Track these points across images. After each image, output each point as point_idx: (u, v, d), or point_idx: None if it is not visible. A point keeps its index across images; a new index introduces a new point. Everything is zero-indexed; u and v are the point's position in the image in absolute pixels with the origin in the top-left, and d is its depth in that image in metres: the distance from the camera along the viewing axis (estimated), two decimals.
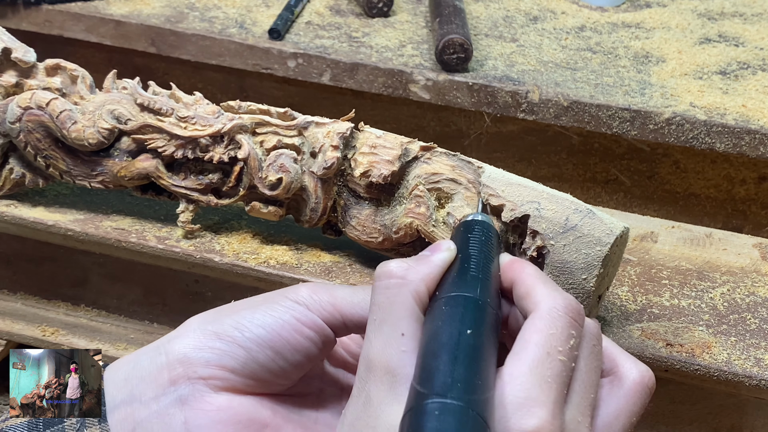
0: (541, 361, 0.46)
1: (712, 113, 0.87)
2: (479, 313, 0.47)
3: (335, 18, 1.02)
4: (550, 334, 0.47)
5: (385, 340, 0.47)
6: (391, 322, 0.47)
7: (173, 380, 0.50)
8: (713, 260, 0.74)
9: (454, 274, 0.50)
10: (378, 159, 0.65)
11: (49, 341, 0.78)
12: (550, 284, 0.50)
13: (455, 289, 0.48)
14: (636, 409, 0.50)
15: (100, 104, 0.69)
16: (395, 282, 0.49)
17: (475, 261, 0.51)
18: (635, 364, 0.51)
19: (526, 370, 0.45)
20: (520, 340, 0.47)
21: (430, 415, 0.41)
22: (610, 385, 0.51)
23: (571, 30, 1.03)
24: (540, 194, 0.61)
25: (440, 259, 0.51)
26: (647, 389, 0.51)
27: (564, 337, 0.47)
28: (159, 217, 0.73)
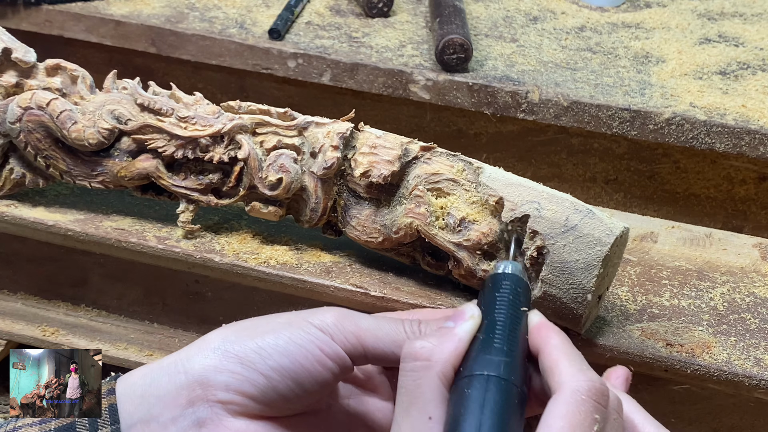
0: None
1: (712, 113, 0.87)
2: (502, 395, 0.47)
3: (335, 18, 1.02)
4: (573, 421, 0.46)
5: (412, 424, 0.47)
6: (418, 406, 0.48)
7: (191, 401, 0.50)
8: (713, 260, 0.74)
9: (479, 345, 0.50)
10: (378, 159, 0.65)
11: (49, 341, 0.78)
12: (575, 360, 0.49)
13: (479, 368, 0.48)
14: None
15: (100, 104, 0.69)
16: (421, 365, 0.49)
17: (501, 329, 0.50)
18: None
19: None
20: (544, 424, 0.46)
21: None
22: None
23: (571, 30, 1.03)
24: (540, 194, 0.61)
25: (465, 332, 0.51)
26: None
27: (588, 423, 0.46)
28: (159, 217, 0.73)
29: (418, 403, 0.48)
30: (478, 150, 0.98)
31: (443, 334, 0.51)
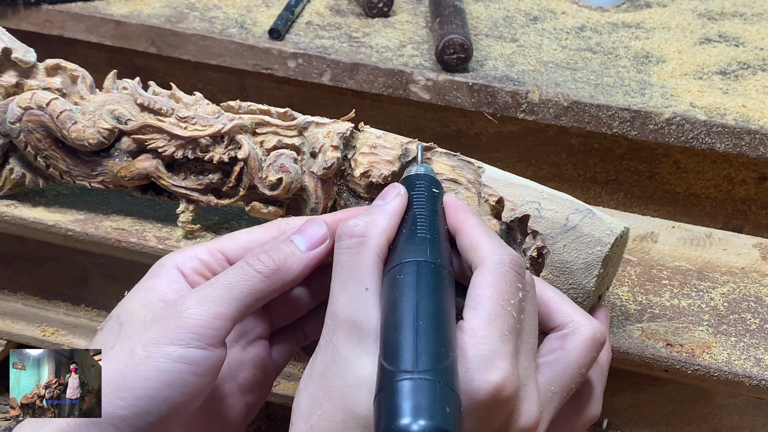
0: (497, 315, 0.48)
1: (712, 113, 0.87)
2: (432, 277, 0.49)
3: (335, 18, 1.02)
4: (501, 289, 0.49)
5: (350, 296, 0.49)
6: (354, 279, 0.50)
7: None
8: (713, 260, 0.74)
9: (404, 237, 0.52)
10: (378, 159, 0.65)
11: (49, 341, 0.78)
12: (493, 237, 0.52)
13: (407, 256, 0.50)
14: (586, 362, 0.53)
15: (100, 104, 0.69)
16: (356, 241, 0.51)
17: (422, 219, 0.53)
18: (588, 320, 0.54)
19: (485, 324, 0.47)
20: (474, 295, 0.49)
21: (402, 394, 0.43)
22: (563, 339, 0.53)
23: (571, 30, 1.03)
24: (540, 194, 0.61)
25: (394, 207, 0.54)
26: (598, 344, 0.53)
27: (513, 291, 0.49)
28: (159, 217, 0.73)
29: (355, 276, 0.50)
30: (478, 150, 0.98)
31: (374, 211, 0.53)
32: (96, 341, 0.52)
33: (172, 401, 0.49)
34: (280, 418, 0.88)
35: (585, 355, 0.52)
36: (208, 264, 0.55)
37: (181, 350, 0.49)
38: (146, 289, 0.54)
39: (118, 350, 0.50)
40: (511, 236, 0.63)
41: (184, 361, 0.49)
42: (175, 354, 0.49)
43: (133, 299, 0.53)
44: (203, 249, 0.55)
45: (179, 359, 0.49)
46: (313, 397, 0.48)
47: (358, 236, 0.51)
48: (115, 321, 0.52)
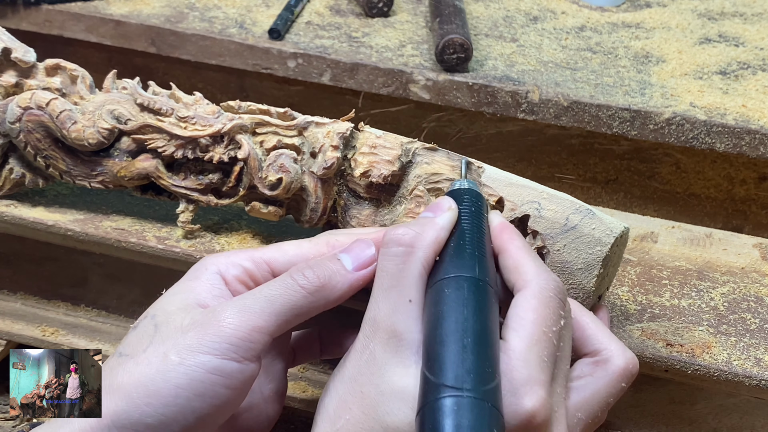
0: (538, 340, 0.48)
1: (712, 113, 0.87)
2: (480, 294, 0.48)
3: (335, 18, 1.02)
4: (544, 314, 0.49)
5: (393, 305, 0.48)
6: (399, 288, 0.49)
7: None
8: (713, 260, 0.74)
9: (451, 251, 0.51)
10: (378, 159, 0.65)
11: (49, 341, 0.78)
12: (538, 261, 0.52)
13: (454, 270, 0.49)
14: (615, 392, 0.53)
15: (100, 104, 0.69)
16: (404, 250, 0.50)
17: (470, 235, 0.52)
18: (623, 350, 0.53)
19: (526, 347, 0.47)
20: (516, 316, 0.49)
21: (447, 411, 0.42)
22: (595, 365, 0.53)
23: (571, 30, 1.03)
24: (540, 194, 0.61)
25: (444, 220, 0.53)
26: (630, 375, 0.53)
27: (555, 318, 0.49)
28: (159, 217, 0.73)
29: (399, 286, 0.49)
30: (478, 150, 0.98)
31: (424, 223, 0.52)
32: (128, 341, 0.51)
33: (200, 412, 0.48)
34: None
35: (615, 384, 0.52)
36: (251, 273, 0.54)
37: (216, 361, 0.48)
38: (186, 291, 0.52)
39: (151, 353, 0.49)
40: None
41: (218, 372, 0.48)
42: (209, 364, 0.48)
43: (171, 300, 0.52)
44: (248, 257, 0.54)
45: (213, 370, 0.48)
46: (342, 400, 0.48)
47: (407, 245, 0.51)
48: (150, 321, 0.51)
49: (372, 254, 0.53)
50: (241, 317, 0.49)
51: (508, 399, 0.46)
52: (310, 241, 0.56)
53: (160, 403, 0.47)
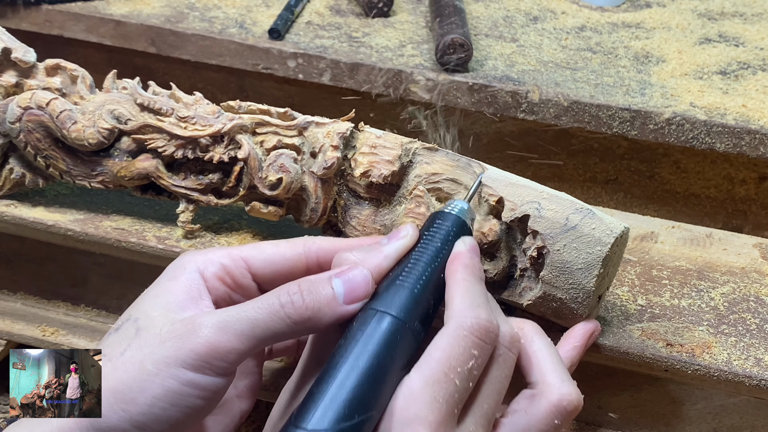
0: (436, 381, 0.47)
1: (712, 113, 0.87)
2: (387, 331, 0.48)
3: (335, 18, 1.02)
4: (451, 354, 0.48)
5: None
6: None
7: None
8: (713, 260, 0.74)
9: (386, 282, 0.51)
10: (378, 159, 0.65)
11: (49, 341, 0.78)
12: (468, 296, 0.51)
13: (375, 303, 0.50)
14: (547, 429, 0.51)
15: (100, 104, 0.69)
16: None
17: (413, 267, 0.52)
18: (560, 384, 0.52)
19: (420, 387, 0.47)
20: (425, 354, 0.48)
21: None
22: (530, 400, 0.52)
23: (571, 30, 1.03)
24: (540, 194, 0.61)
25: (392, 250, 0.53)
26: (564, 412, 0.52)
27: (464, 358, 0.48)
28: (159, 217, 0.73)
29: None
30: (478, 150, 0.98)
31: (372, 249, 0.53)
32: (108, 341, 0.51)
33: (174, 420, 0.49)
34: None
35: (546, 421, 0.51)
36: (229, 270, 0.54)
37: (191, 375, 0.48)
38: (166, 292, 0.53)
39: (128, 359, 0.49)
40: (511, 236, 0.63)
41: (192, 386, 0.49)
42: (185, 378, 0.48)
43: (154, 303, 0.52)
44: (225, 254, 0.54)
45: (187, 383, 0.48)
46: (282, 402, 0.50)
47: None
48: (132, 324, 0.51)
49: (367, 290, 0.51)
50: (220, 336, 0.49)
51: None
52: (288, 241, 0.56)
53: (135, 411, 0.48)
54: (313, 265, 0.55)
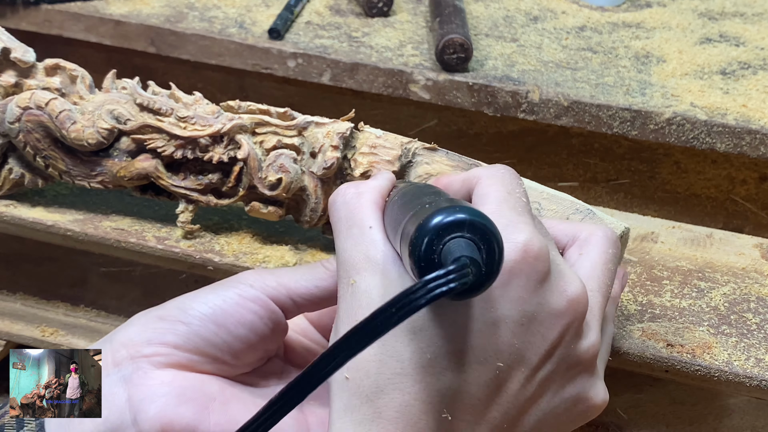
0: (505, 199, 0.49)
1: (713, 113, 0.87)
2: (431, 185, 0.51)
3: (335, 18, 1.02)
4: (503, 183, 0.50)
5: (356, 239, 0.49)
6: (357, 223, 0.50)
7: (117, 362, 0.51)
8: (714, 260, 0.74)
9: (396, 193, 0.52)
10: (378, 159, 0.65)
11: (49, 341, 0.78)
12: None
13: (405, 184, 0.52)
14: (608, 256, 0.53)
15: (99, 104, 0.69)
16: (352, 194, 0.51)
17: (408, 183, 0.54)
18: (599, 226, 0.55)
19: (496, 207, 0.48)
20: (478, 196, 0.50)
21: (426, 209, 0.42)
22: (578, 246, 0.54)
23: (571, 30, 1.03)
24: (540, 194, 0.61)
25: (383, 175, 0.54)
26: (614, 239, 0.54)
27: (515, 185, 0.50)
28: (158, 217, 0.73)
29: (356, 221, 0.50)
30: (478, 150, 0.98)
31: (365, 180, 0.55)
32: None
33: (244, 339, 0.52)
34: None
35: (604, 249, 0.53)
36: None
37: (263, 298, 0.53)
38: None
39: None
40: None
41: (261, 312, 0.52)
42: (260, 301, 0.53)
43: None
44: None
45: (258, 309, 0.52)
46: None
47: (353, 191, 0.51)
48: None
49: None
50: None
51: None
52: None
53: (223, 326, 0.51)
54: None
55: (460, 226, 0.41)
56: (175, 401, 0.50)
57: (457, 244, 0.40)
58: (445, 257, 0.40)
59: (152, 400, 0.49)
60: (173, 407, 0.50)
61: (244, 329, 0.52)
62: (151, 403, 0.49)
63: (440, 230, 0.41)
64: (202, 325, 0.51)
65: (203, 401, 0.51)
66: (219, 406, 0.51)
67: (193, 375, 0.51)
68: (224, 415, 0.51)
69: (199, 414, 0.50)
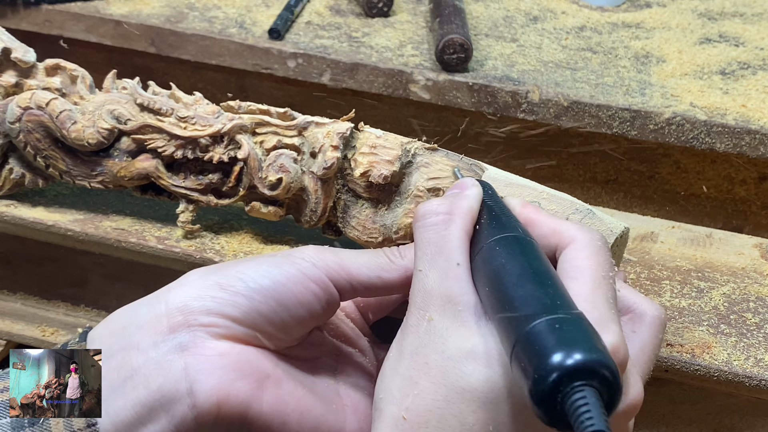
0: (600, 284, 0.47)
1: (713, 113, 0.87)
2: (531, 247, 0.48)
3: (335, 18, 1.02)
4: (599, 261, 0.48)
5: (441, 272, 0.48)
6: (445, 254, 0.49)
7: (173, 328, 0.49)
8: (713, 260, 0.74)
9: (487, 220, 0.51)
10: (378, 159, 0.65)
11: (49, 341, 0.78)
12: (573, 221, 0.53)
13: (498, 233, 0.49)
14: (657, 342, 0.53)
15: (99, 104, 0.69)
16: (442, 218, 0.50)
17: (498, 208, 0.53)
18: (650, 302, 0.54)
19: (590, 291, 0.46)
20: (571, 267, 0.48)
21: (546, 330, 0.40)
22: (632, 322, 0.53)
23: (571, 30, 1.03)
24: (540, 194, 0.61)
25: (474, 192, 0.53)
26: (664, 323, 0.54)
27: (609, 265, 0.49)
28: (159, 217, 0.73)
29: (445, 252, 0.49)
30: (478, 150, 0.98)
31: (455, 195, 0.53)
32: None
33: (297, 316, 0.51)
34: None
35: (656, 334, 0.53)
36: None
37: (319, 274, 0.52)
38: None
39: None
40: None
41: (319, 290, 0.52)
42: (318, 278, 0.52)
43: None
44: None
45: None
46: (406, 378, 0.47)
47: (444, 213, 0.50)
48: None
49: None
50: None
51: None
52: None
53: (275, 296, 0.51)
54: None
55: (592, 374, 0.39)
56: (232, 375, 0.48)
57: (584, 397, 0.38)
58: (571, 408, 0.38)
59: (210, 372, 0.48)
60: (230, 381, 0.48)
61: (303, 309, 0.51)
62: (209, 375, 0.48)
63: (571, 374, 0.39)
64: (263, 301, 0.50)
65: (259, 377, 0.49)
66: (272, 384, 0.50)
67: (249, 349, 0.50)
68: (277, 395, 0.50)
69: (254, 390, 0.49)
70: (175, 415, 0.47)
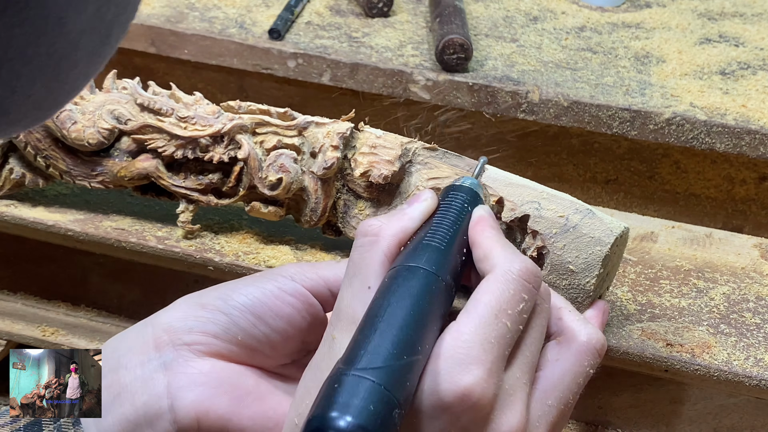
0: (487, 323, 0.47)
1: (713, 113, 0.87)
2: (420, 283, 0.48)
3: (335, 18, 1.02)
4: (501, 297, 0.48)
5: (353, 293, 0.50)
6: (361, 277, 0.50)
7: (158, 347, 0.52)
8: (713, 260, 0.74)
9: (413, 243, 0.52)
10: (378, 159, 0.65)
11: (49, 341, 0.78)
12: (508, 248, 0.51)
13: (404, 260, 0.50)
14: (581, 371, 0.51)
15: (100, 104, 0.69)
16: (369, 240, 0.51)
17: (437, 228, 0.53)
18: (584, 326, 0.52)
19: (472, 329, 0.47)
20: (472, 299, 0.48)
21: (335, 389, 0.43)
22: (558, 346, 0.52)
23: (571, 30, 1.03)
24: (540, 194, 0.61)
25: (417, 211, 0.54)
26: (594, 351, 0.52)
27: (515, 300, 0.48)
28: (159, 217, 0.73)
29: (361, 274, 0.50)
30: (478, 150, 0.98)
31: (394, 213, 0.54)
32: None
33: (280, 329, 0.53)
34: None
35: (581, 362, 0.51)
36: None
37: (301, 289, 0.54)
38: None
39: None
40: (511, 236, 0.63)
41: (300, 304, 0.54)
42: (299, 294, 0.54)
43: None
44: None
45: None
46: (305, 387, 0.49)
47: (372, 236, 0.52)
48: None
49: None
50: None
51: (442, 377, 0.46)
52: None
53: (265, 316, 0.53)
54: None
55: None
56: (212, 392, 0.51)
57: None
58: None
59: (190, 389, 0.51)
60: (210, 398, 0.51)
61: (282, 322, 0.53)
62: (189, 391, 0.51)
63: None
64: (241, 315, 0.52)
65: (239, 394, 0.52)
66: (253, 401, 0.52)
67: (231, 366, 0.53)
68: (258, 410, 0.52)
69: (234, 406, 0.51)
70: (158, 430, 0.51)
